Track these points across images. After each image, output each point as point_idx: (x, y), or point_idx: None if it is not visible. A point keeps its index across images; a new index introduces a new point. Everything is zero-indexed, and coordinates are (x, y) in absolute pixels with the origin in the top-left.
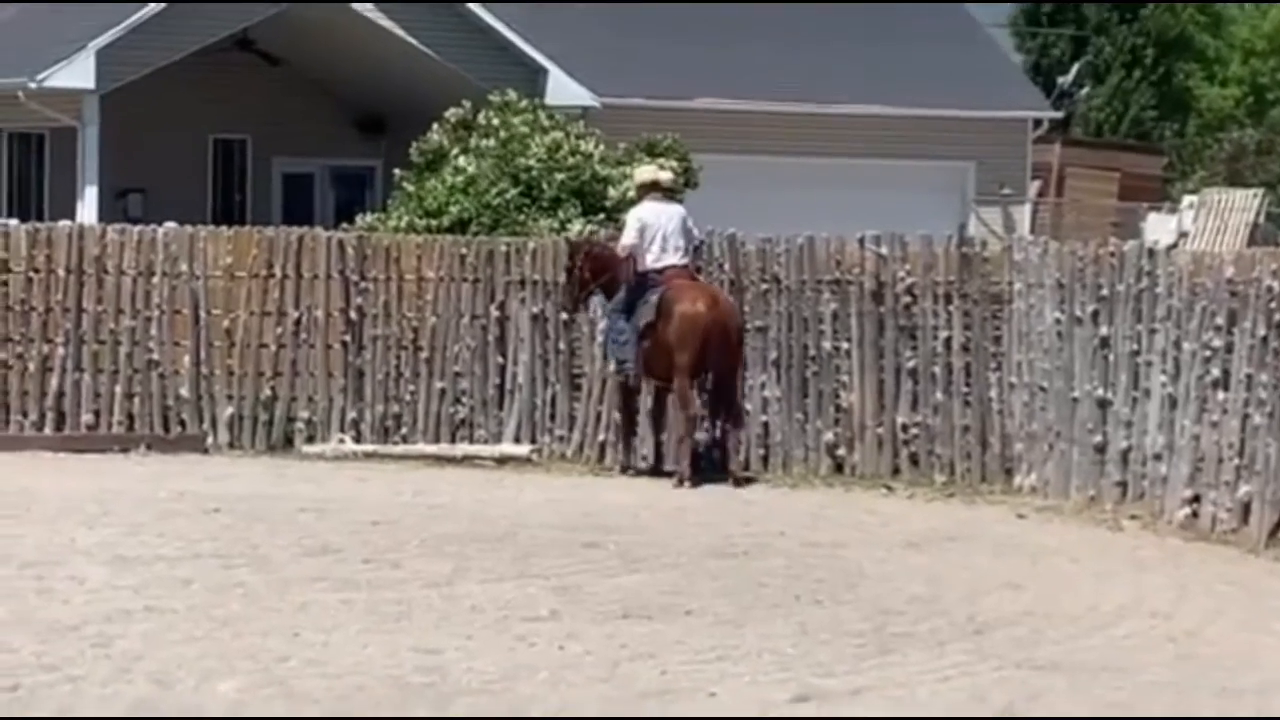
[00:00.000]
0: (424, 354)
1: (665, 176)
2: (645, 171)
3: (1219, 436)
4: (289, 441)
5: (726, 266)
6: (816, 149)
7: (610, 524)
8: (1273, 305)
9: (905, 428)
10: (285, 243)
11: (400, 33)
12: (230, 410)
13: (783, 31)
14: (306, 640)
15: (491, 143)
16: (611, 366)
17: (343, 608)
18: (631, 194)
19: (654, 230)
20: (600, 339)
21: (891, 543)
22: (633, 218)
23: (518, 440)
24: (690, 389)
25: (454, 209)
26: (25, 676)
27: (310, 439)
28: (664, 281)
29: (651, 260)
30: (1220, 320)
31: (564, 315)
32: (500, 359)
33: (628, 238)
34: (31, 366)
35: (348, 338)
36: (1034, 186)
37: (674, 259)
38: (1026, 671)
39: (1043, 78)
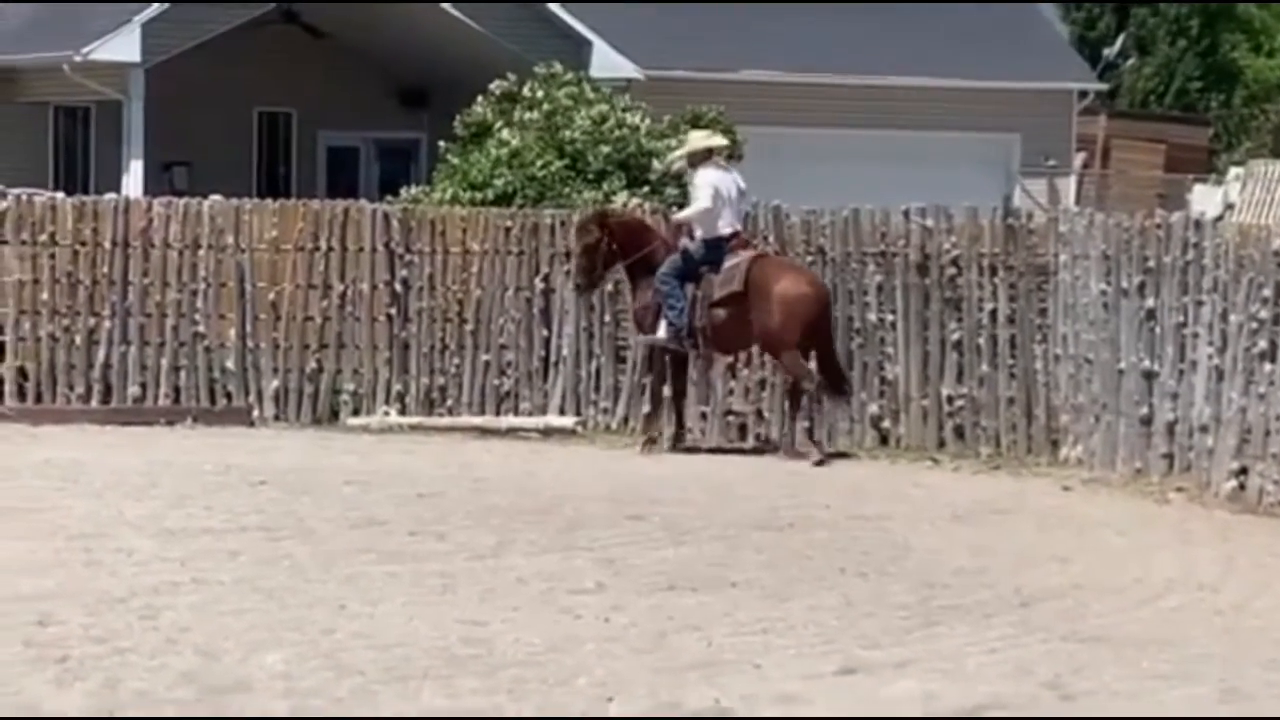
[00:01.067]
0: (469, 326)
1: (720, 141)
2: (699, 137)
3: (1266, 408)
4: (334, 414)
5: (771, 238)
6: (861, 121)
7: (655, 496)
8: None
9: (950, 400)
10: (330, 216)
11: (444, 5)
12: (276, 383)
13: (827, 3)
14: (353, 612)
15: (535, 115)
16: (662, 333)
17: (388, 580)
18: (678, 164)
19: (724, 196)
20: (643, 305)
21: (937, 515)
22: (704, 183)
23: (562, 412)
24: (803, 361)
25: (498, 182)
26: (74, 648)
27: (355, 411)
28: (735, 249)
29: (723, 225)
30: (1267, 292)
31: (578, 291)
32: (545, 331)
33: (703, 203)
34: (78, 339)
35: (393, 310)
36: (1079, 158)
37: (737, 225)
38: (1073, 644)
39: (1088, 49)
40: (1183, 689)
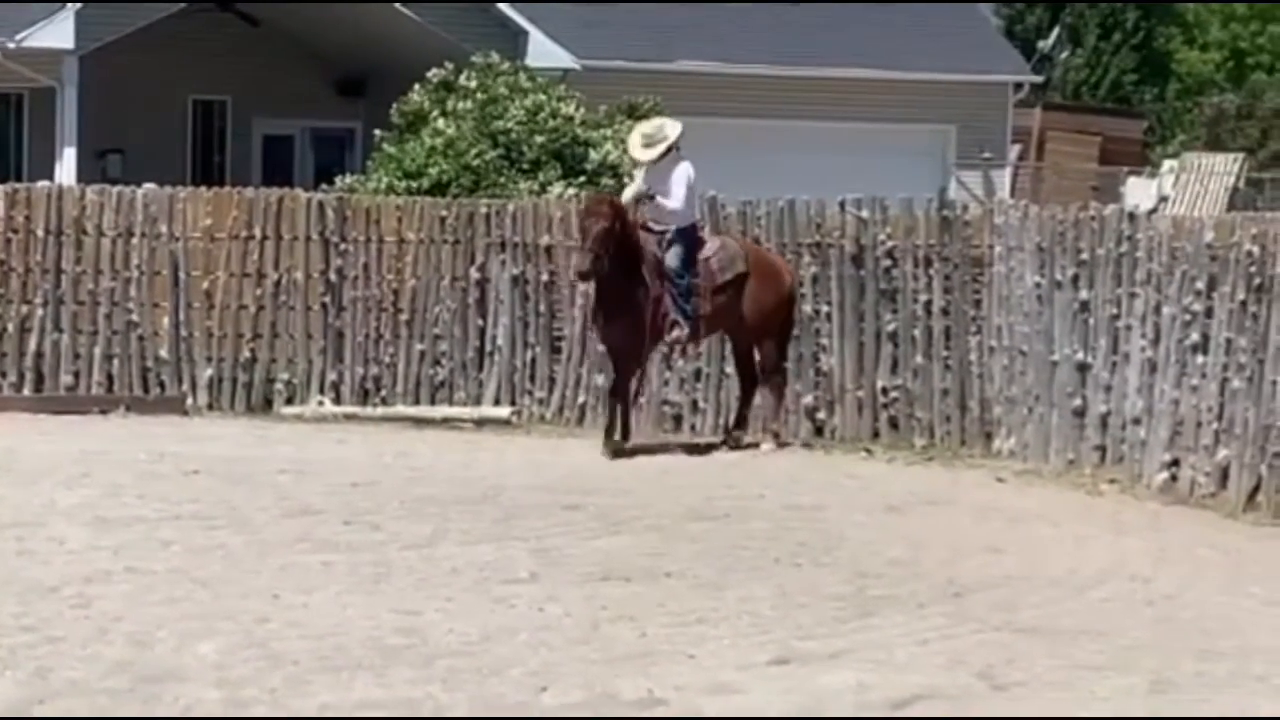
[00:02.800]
0: (404, 316)
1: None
2: (671, 126)
3: (1198, 401)
4: (268, 403)
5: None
6: (798, 112)
7: (590, 486)
8: (1252, 269)
9: (885, 391)
10: (265, 204)
11: None
12: (210, 372)
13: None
14: (286, 602)
15: (471, 105)
16: (685, 329)
17: (323, 569)
18: (614, 157)
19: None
20: (656, 298)
21: (871, 506)
22: (685, 174)
23: (497, 402)
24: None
25: (433, 171)
26: (4, 637)
27: (290, 401)
28: (709, 239)
29: (696, 213)
30: (1200, 285)
31: (579, 279)
32: (480, 321)
33: (682, 195)
34: (10, 327)
35: (327, 299)
36: (1014, 150)
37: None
38: (1006, 634)
39: (1019, 42)
40: (1114, 679)
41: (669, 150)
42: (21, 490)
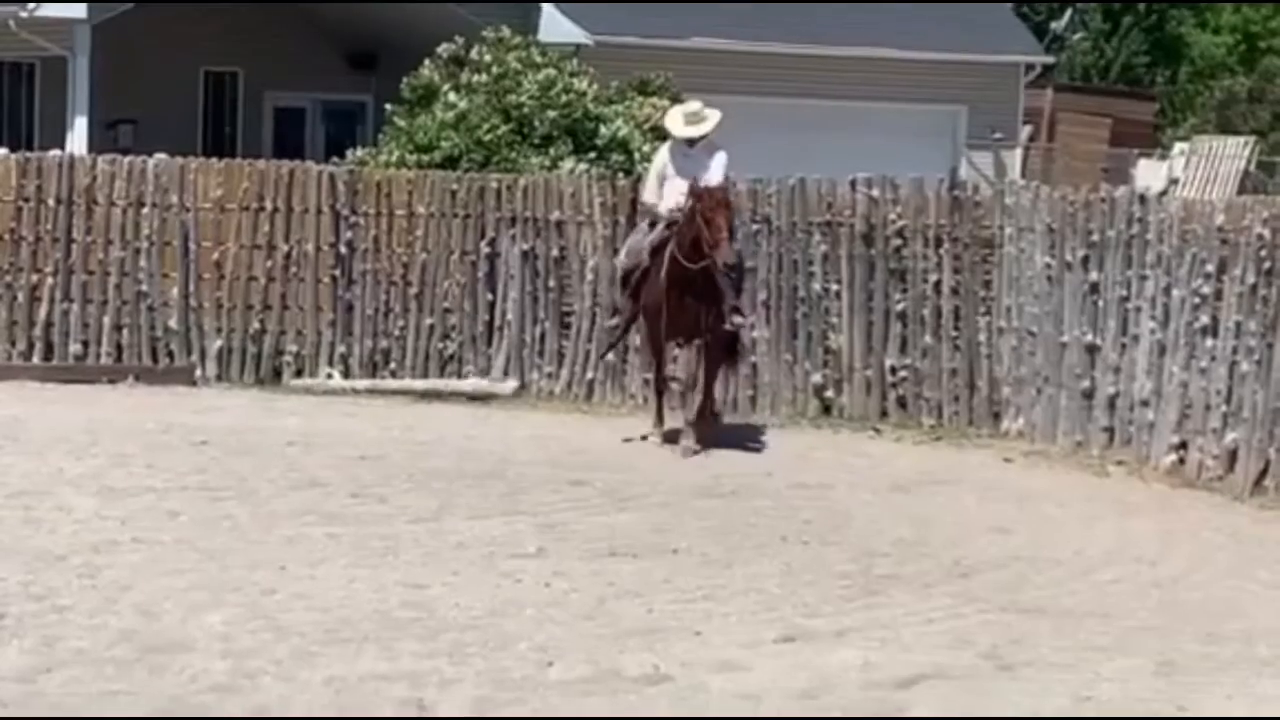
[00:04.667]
0: (413, 290)
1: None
2: (710, 110)
3: (1207, 383)
4: (277, 375)
5: None
6: (809, 90)
7: (598, 462)
8: (1262, 253)
9: (894, 370)
10: (276, 176)
11: None
12: (219, 343)
13: None
14: (293, 574)
15: (483, 79)
16: (744, 319)
17: (330, 542)
18: (625, 132)
19: None
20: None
21: (878, 485)
22: (724, 161)
23: (506, 375)
24: None
25: (445, 145)
26: (12, 605)
27: (299, 373)
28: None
29: None
30: (1210, 267)
31: (728, 269)
32: (490, 295)
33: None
34: (20, 296)
35: (337, 272)
36: (1025, 131)
37: None
38: (1011, 615)
39: (1030, 23)
40: (1120, 660)
41: (704, 135)
42: (29, 459)
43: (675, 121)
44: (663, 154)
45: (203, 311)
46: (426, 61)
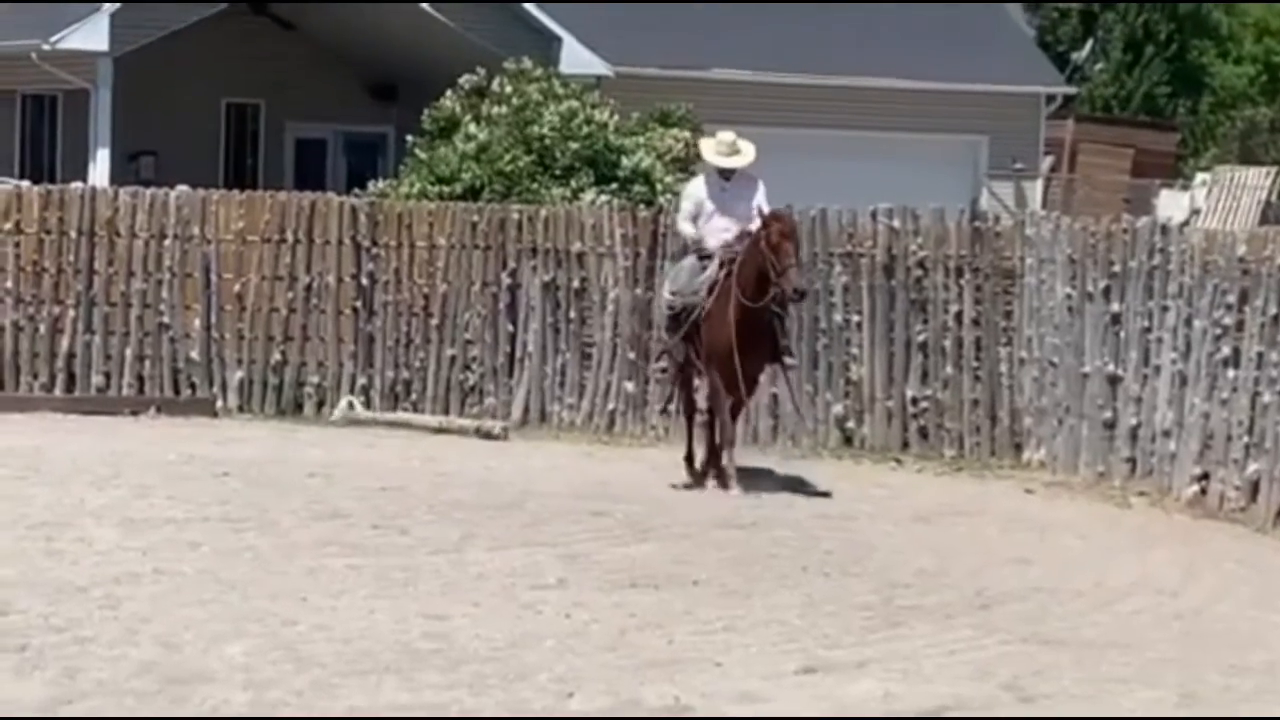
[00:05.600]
0: (434, 321)
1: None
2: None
3: (1228, 414)
4: (299, 406)
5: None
6: (829, 121)
7: (619, 493)
8: None
9: (915, 401)
10: (297, 208)
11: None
12: (240, 374)
13: (798, 2)
14: (314, 605)
15: (504, 110)
16: (794, 361)
17: (350, 573)
18: (646, 164)
19: None
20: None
21: (900, 516)
22: (763, 193)
23: (527, 409)
24: None
25: (466, 176)
26: (34, 637)
27: (320, 404)
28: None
29: None
30: (1231, 298)
31: (798, 299)
32: (510, 327)
33: None
34: (42, 328)
35: (358, 304)
36: (1046, 162)
37: None
38: (1033, 646)
39: (1052, 53)
40: (1141, 693)
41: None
42: (51, 490)
43: (710, 152)
44: (698, 186)
45: (224, 343)
46: (448, 93)
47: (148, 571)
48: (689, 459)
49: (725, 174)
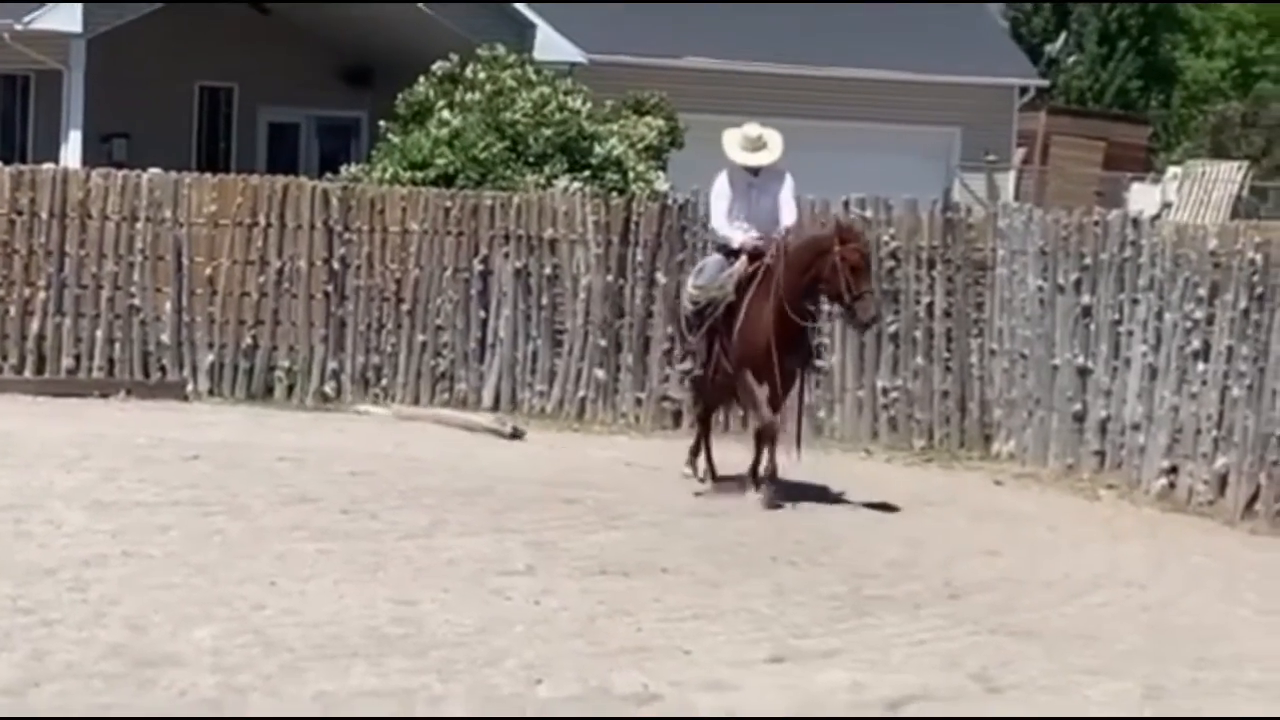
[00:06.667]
0: (406, 306)
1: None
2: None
3: (1198, 408)
4: (269, 390)
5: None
6: (803, 111)
7: (589, 480)
8: (1254, 278)
9: (885, 391)
10: (270, 192)
11: None
12: (211, 358)
13: None
14: (283, 589)
15: (478, 96)
16: (825, 363)
17: (320, 557)
18: (619, 151)
19: None
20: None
21: (869, 506)
22: (793, 186)
23: (498, 397)
24: None
25: (440, 161)
26: (1, 619)
27: (291, 389)
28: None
29: None
30: (1202, 292)
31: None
32: (482, 313)
33: (795, 211)
34: (12, 310)
35: (330, 288)
36: (1019, 154)
37: None
38: (1001, 637)
39: (1025, 45)
40: (1108, 684)
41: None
42: (20, 473)
43: (734, 148)
44: (722, 184)
45: (195, 326)
46: (421, 78)
47: (116, 554)
48: (695, 452)
49: (752, 170)
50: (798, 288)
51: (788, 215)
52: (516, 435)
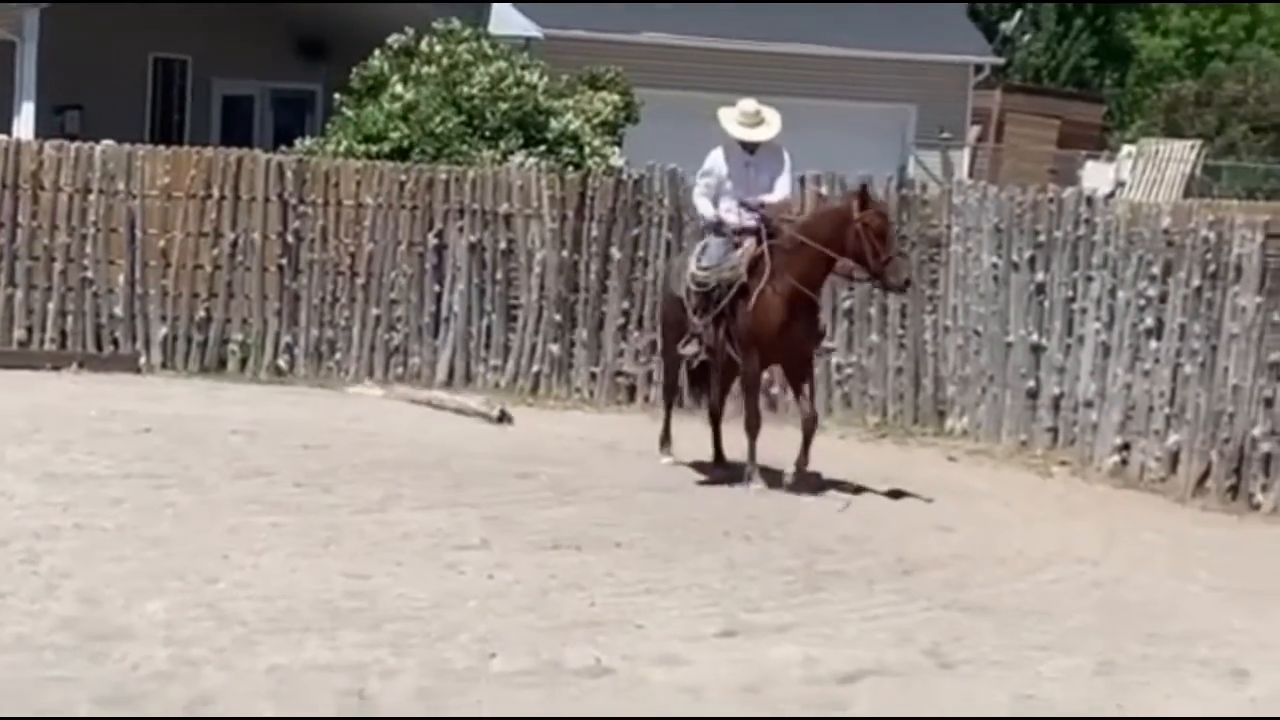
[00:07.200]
0: (360, 280)
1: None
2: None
3: (1150, 385)
4: (222, 364)
5: (666, 201)
6: (758, 87)
7: (543, 455)
8: (1207, 256)
9: (839, 368)
10: (224, 164)
11: None
12: (164, 331)
13: None
14: (236, 562)
15: (433, 70)
16: (832, 344)
17: (273, 531)
18: (575, 126)
19: None
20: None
21: (822, 482)
22: (789, 163)
23: (452, 370)
24: None
25: (394, 135)
26: None
27: (244, 362)
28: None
29: None
30: (1155, 270)
31: (906, 289)
32: (436, 288)
33: (789, 187)
34: None
35: (284, 262)
36: (974, 131)
37: None
38: (954, 613)
39: (980, 23)
40: (1060, 660)
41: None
42: None
43: (731, 124)
44: (716, 160)
45: (148, 299)
46: (377, 52)
47: (68, 526)
48: (666, 439)
49: (749, 146)
50: (817, 264)
51: (780, 191)
52: (504, 419)
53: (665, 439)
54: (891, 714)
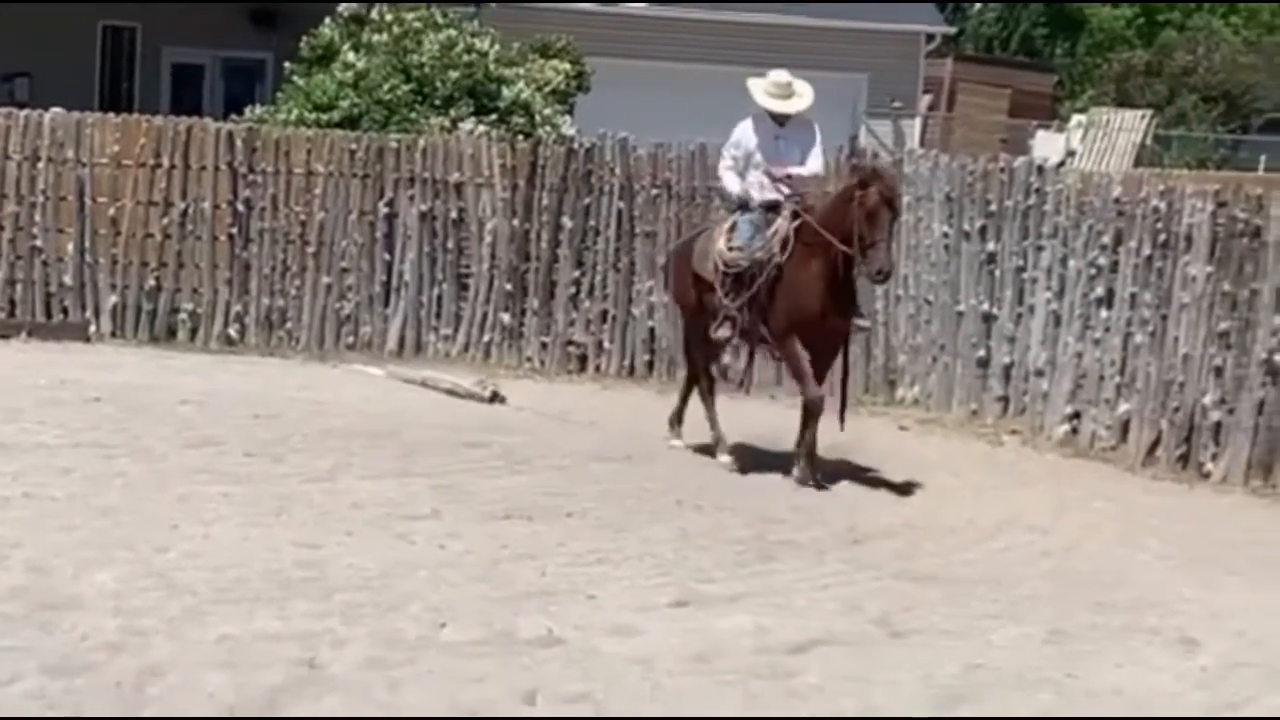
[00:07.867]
0: (311, 249)
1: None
2: (799, 83)
3: (1101, 354)
4: (172, 333)
5: (618, 170)
6: (710, 56)
7: (495, 424)
8: (1158, 225)
9: None
10: (173, 133)
11: None
12: (114, 299)
13: None
14: (186, 532)
15: (384, 38)
16: (867, 322)
17: (223, 500)
18: (526, 95)
19: None
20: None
21: (773, 452)
22: (819, 136)
23: (403, 338)
24: None
25: (344, 104)
26: None
27: (194, 331)
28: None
29: None
30: (1106, 239)
31: (885, 280)
32: (387, 256)
33: (821, 161)
34: None
35: (234, 230)
36: (925, 101)
37: None
38: (904, 583)
39: None
40: (1011, 629)
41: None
42: None
43: (761, 95)
44: (745, 132)
45: (98, 268)
46: (327, 20)
47: (17, 496)
48: (678, 419)
49: (779, 119)
50: (843, 240)
51: (812, 165)
52: (496, 398)
53: (678, 420)
54: (841, 682)
